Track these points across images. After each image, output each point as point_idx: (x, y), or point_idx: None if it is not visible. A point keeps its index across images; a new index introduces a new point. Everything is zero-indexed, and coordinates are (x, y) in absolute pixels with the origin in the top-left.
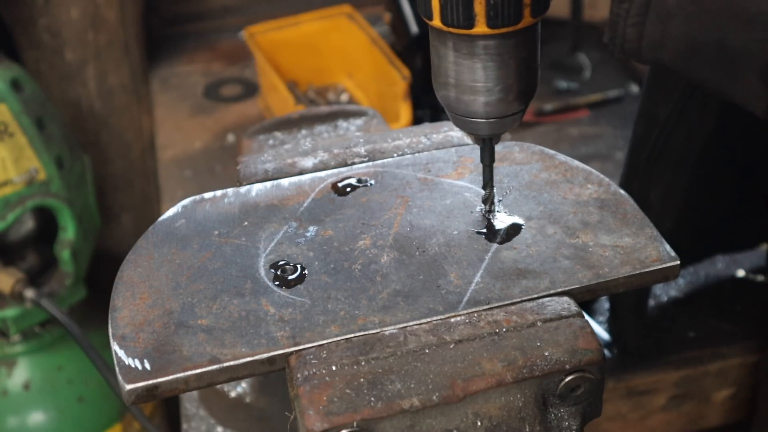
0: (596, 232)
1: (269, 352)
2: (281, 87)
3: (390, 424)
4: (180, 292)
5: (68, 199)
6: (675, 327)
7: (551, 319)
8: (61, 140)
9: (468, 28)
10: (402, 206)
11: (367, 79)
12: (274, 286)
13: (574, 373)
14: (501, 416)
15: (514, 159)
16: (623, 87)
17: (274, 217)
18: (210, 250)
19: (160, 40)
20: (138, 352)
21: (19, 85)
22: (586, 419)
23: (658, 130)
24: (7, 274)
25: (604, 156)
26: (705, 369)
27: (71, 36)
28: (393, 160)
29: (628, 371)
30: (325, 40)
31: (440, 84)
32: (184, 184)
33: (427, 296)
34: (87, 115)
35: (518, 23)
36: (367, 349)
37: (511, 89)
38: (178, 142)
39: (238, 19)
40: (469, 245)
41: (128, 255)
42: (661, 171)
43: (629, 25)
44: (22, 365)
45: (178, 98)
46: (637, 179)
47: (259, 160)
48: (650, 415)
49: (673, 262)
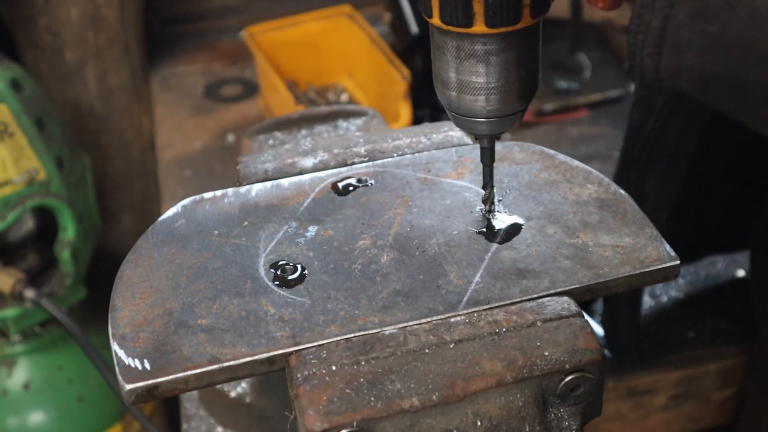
0: (596, 231)
1: (269, 352)
2: (281, 87)
3: (390, 424)
4: (180, 292)
5: (68, 199)
6: (675, 327)
7: (551, 319)
8: (61, 140)
9: (467, 27)
10: (402, 206)
11: (367, 79)
12: (274, 286)
13: (574, 373)
14: (501, 416)
15: (514, 159)
16: (623, 87)
17: (274, 217)
18: (210, 250)
19: (160, 40)
20: (138, 352)
21: (19, 85)
22: (586, 419)
23: (653, 120)
24: (7, 274)
25: (604, 156)
26: (705, 369)
27: (71, 36)
28: (393, 160)
29: (628, 371)
30: (325, 40)
31: (441, 83)
32: (184, 184)
33: (427, 296)
34: (87, 115)
35: (517, 23)
36: (367, 349)
37: (511, 89)
38: (178, 142)
39: (238, 19)
40: (469, 245)
41: (128, 255)
42: (656, 161)
43: (646, 55)
44: (22, 365)
45: (178, 98)
46: (632, 170)
47: (259, 160)
48: (650, 415)
49: (673, 262)
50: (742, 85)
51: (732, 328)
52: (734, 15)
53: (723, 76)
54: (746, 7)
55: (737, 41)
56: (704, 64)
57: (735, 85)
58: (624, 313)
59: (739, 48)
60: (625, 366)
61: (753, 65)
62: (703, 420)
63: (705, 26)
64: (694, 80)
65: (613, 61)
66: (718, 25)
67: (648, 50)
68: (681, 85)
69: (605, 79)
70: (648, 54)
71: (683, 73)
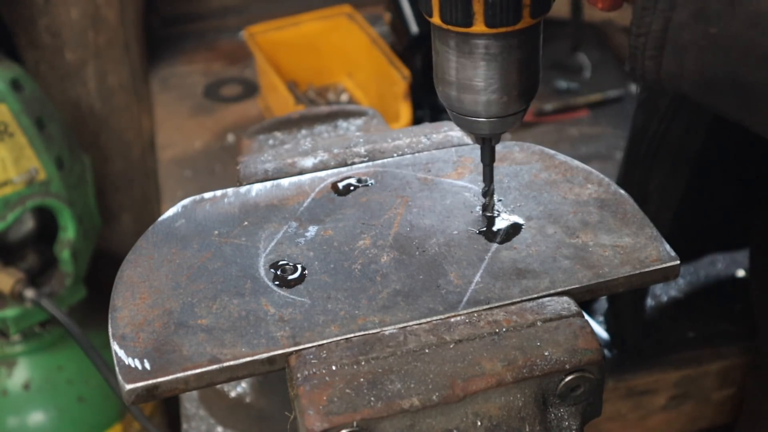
0: (596, 231)
1: (269, 352)
2: (281, 87)
3: (390, 424)
4: (180, 292)
5: (68, 199)
6: (675, 327)
7: (551, 319)
8: (61, 140)
9: (466, 26)
10: (402, 206)
11: (367, 79)
12: (274, 286)
13: (574, 372)
14: (501, 416)
15: (514, 159)
16: (623, 87)
17: (274, 217)
18: (210, 250)
19: (160, 40)
20: (138, 352)
21: (19, 85)
22: (586, 419)
23: (657, 121)
24: (7, 274)
25: (604, 156)
26: (705, 369)
27: (71, 36)
28: (393, 160)
29: (628, 371)
30: (325, 40)
31: (441, 82)
32: (184, 184)
33: (427, 296)
34: (87, 115)
35: (517, 23)
36: (367, 349)
37: (511, 89)
38: (178, 142)
39: (238, 19)
40: (469, 245)
41: (128, 255)
42: (660, 163)
43: (647, 58)
44: (22, 365)
45: (178, 98)
46: (636, 171)
47: (259, 160)
48: (650, 415)
49: (673, 262)
50: (743, 88)
51: (732, 328)
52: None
53: (724, 79)
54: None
55: (738, 43)
56: (705, 67)
57: (736, 87)
58: (628, 313)
59: (740, 50)
60: (625, 366)
61: (754, 67)
62: (703, 420)
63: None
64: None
65: (613, 61)
66: (720, 27)
67: (649, 53)
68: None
69: (605, 79)
70: (649, 56)
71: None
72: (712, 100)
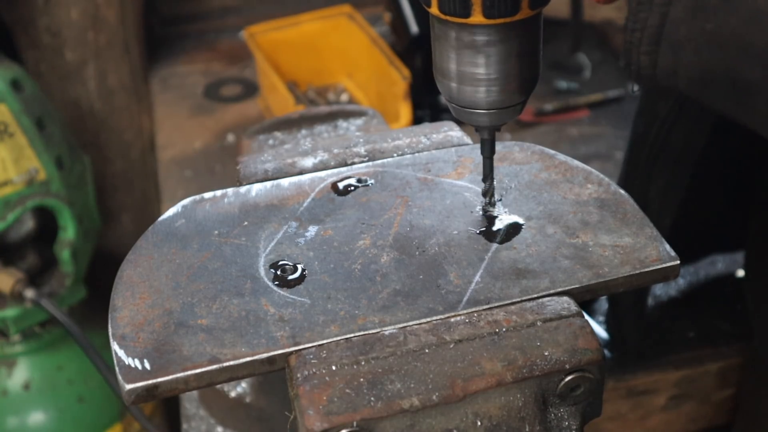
0: (596, 231)
1: (269, 352)
2: (281, 87)
3: (390, 424)
4: (180, 291)
5: (68, 199)
6: (675, 327)
7: (551, 319)
8: (61, 140)
9: (464, 17)
10: (402, 206)
11: (367, 79)
12: (274, 286)
13: (574, 372)
14: (501, 416)
15: (514, 159)
16: (623, 87)
17: (274, 217)
18: (210, 249)
19: (160, 40)
20: (138, 352)
21: (19, 85)
22: (586, 419)
23: (657, 127)
24: (7, 274)
25: (604, 156)
26: (705, 369)
27: (71, 36)
28: (393, 160)
29: (628, 371)
30: (325, 40)
31: (441, 74)
32: (184, 184)
33: (427, 296)
34: (87, 115)
35: (515, 14)
36: (367, 349)
37: (511, 80)
38: (178, 142)
39: (238, 19)
40: (469, 245)
41: (128, 255)
42: (661, 168)
43: (642, 53)
44: (22, 365)
45: (178, 98)
46: (637, 176)
47: (259, 160)
48: (650, 415)
49: (673, 262)
50: (739, 84)
51: (732, 328)
52: (732, 12)
53: (720, 75)
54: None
55: (735, 39)
56: (701, 62)
57: (732, 83)
58: (628, 313)
59: (737, 46)
60: (625, 366)
61: (751, 63)
62: (703, 420)
63: (703, 24)
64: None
65: (613, 61)
66: (716, 23)
67: (645, 48)
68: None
69: (605, 79)
70: (645, 52)
71: (680, 71)
72: (707, 96)
